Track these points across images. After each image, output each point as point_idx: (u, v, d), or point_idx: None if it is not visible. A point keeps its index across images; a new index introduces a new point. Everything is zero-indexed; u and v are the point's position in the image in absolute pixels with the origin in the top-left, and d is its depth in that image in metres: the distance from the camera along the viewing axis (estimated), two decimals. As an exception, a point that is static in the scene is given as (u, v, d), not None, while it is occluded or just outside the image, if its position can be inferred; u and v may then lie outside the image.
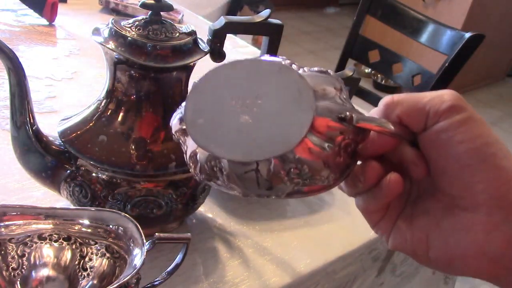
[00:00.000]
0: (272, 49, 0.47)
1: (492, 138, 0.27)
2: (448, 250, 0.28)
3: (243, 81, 0.29)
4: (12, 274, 0.38)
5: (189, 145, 0.29)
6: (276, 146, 0.26)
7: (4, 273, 0.38)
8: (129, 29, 0.44)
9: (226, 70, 0.30)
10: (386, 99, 0.30)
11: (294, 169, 0.26)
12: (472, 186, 0.27)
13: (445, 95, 0.28)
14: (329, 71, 0.30)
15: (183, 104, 0.30)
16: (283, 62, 0.29)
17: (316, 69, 0.29)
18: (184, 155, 0.29)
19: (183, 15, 1.25)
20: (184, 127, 0.29)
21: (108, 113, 0.46)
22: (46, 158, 0.46)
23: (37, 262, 0.39)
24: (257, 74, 0.29)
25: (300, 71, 0.29)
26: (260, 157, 0.26)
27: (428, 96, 0.28)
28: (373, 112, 0.30)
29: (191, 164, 0.29)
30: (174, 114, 0.31)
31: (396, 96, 0.29)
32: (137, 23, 0.45)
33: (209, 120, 0.28)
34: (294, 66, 0.29)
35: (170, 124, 0.31)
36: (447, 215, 0.29)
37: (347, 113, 0.27)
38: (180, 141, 0.30)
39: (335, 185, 0.28)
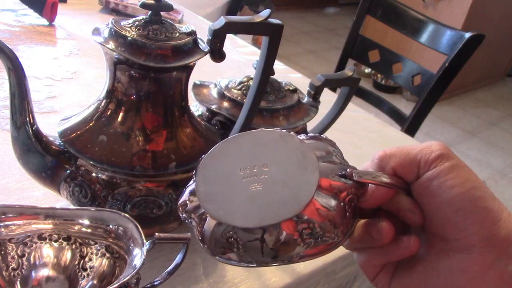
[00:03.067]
0: (272, 49, 0.47)
1: (478, 182, 0.29)
2: None
3: (248, 151, 0.31)
4: (12, 274, 0.38)
5: (202, 220, 0.29)
6: (288, 208, 0.27)
7: (4, 273, 0.38)
8: (129, 29, 0.44)
9: (230, 144, 0.32)
10: (380, 153, 0.32)
11: (306, 229, 0.27)
12: (465, 229, 0.28)
13: (433, 146, 0.30)
14: (322, 135, 0.32)
15: (193, 179, 0.31)
16: (283, 131, 0.31)
17: (310, 135, 0.32)
18: (196, 232, 0.30)
19: (183, 15, 1.25)
20: (195, 202, 0.30)
21: (108, 113, 0.46)
22: (46, 158, 0.46)
23: (37, 262, 0.39)
24: (260, 144, 0.31)
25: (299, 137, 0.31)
26: (275, 221, 0.27)
27: (417, 147, 0.31)
28: (368, 165, 0.32)
29: (204, 239, 0.29)
30: (183, 190, 0.32)
31: (388, 150, 0.31)
32: (137, 23, 0.45)
33: (221, 192, 0.29)
34: (293, 133, 0.31)
35: (179, 200, 0.31)
36: (443, 258, 0.30)
37: (348, 170, 0.29)
38: (190, 219, 0.30)
39: (343, 241, 0.30)
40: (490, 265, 0.28)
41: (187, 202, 0.31)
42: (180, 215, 0.31)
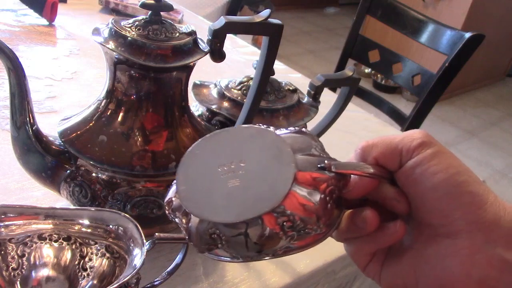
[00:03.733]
0: (272, 49, 0.47)
1: (462, 167, 0.29)
2: (436, 277, 0.30)
3: (226, 148, 0.31)
4: (12, 274, 0.38)
5: (186, 218, 0.30)
6: (266, 202, 0.27)
7: (4, 273, 0.38)
8: (129, 29, 0.44)
9: (209, 141, 0.32)
10: (362, 143, 0.32)
11: (286, 222, 0.27)
12: (450, 214, 0.29)
13: (415, 134, 0.30)
14: (303, 129, 0.32)
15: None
16: (260, 126, 0.31)
17: (290, 129, 0.32)
18: (183, 230, 0.30)
19: (183, 15, 1.25)
20: (179, 200, 0.30)
21: (108, 113, 0.46)
22: (46, 158, 0.46)
23: (37, 262, 0.39)
24: (237, 140, 0.31)
25: (277, 132, 0.31)
26: (252, 215, 0.27)
27: (399, 136, 0.31)
28: (351, 157, 0.33)
29: (191, 236, 0.30)
30: (169, 189, 0.32)
31: (371, 140, 0.32)
32: (137, 23, 0.45)
33: (201, 189, 0.29)
34: (271, 128, 0.31)
35: (165, 198, 0.32)
36: (431, 244, 0.30)
37: (326, 161, 0.29)
38: (176, 217, 0.31)
39: (330, 233, 0.30)
40: (478, 248, 0.28)
41: (172, 200, 0.31)
42: (167, 213, 0.31)
